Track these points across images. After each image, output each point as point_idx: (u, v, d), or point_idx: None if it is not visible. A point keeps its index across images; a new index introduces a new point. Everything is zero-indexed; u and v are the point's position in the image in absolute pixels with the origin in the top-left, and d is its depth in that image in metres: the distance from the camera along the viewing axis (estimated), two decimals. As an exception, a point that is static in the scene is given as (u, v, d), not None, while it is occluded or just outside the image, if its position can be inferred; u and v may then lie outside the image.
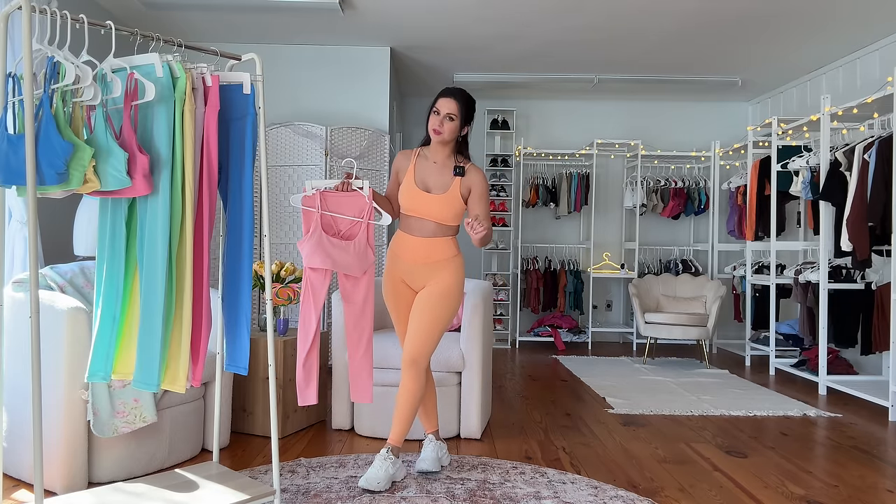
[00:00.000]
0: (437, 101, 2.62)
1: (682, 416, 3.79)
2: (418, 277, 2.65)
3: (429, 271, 2.63)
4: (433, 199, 2.59)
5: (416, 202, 2.60)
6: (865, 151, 4.01)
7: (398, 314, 2.73)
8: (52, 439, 2.41)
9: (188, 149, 1.97)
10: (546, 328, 6.48)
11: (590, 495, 2.50)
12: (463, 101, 2.60)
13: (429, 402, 2.82)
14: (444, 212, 2.59)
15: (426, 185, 2.63)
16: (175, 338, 2.03)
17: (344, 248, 2.53)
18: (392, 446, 2.59)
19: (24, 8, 1.67)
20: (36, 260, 1.72)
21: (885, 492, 2.64)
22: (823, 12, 4.39)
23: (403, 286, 2.70)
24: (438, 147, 2.66)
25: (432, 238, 2.62)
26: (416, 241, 2.63)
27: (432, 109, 2.62)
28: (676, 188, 6.58)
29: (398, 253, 2.67)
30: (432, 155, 2.67)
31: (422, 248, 2.62)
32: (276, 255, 4.89)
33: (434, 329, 2.58)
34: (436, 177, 2.64)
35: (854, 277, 4.55)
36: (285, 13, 4.54)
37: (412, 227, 2.64)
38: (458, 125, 2.60)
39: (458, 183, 2.61)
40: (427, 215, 2.61)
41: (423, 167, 2.66)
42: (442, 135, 2.59)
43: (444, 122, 2.58)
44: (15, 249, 3.13)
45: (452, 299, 2.62)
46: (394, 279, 2.70)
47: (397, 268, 2.68)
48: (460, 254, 2.70)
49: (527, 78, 6.02)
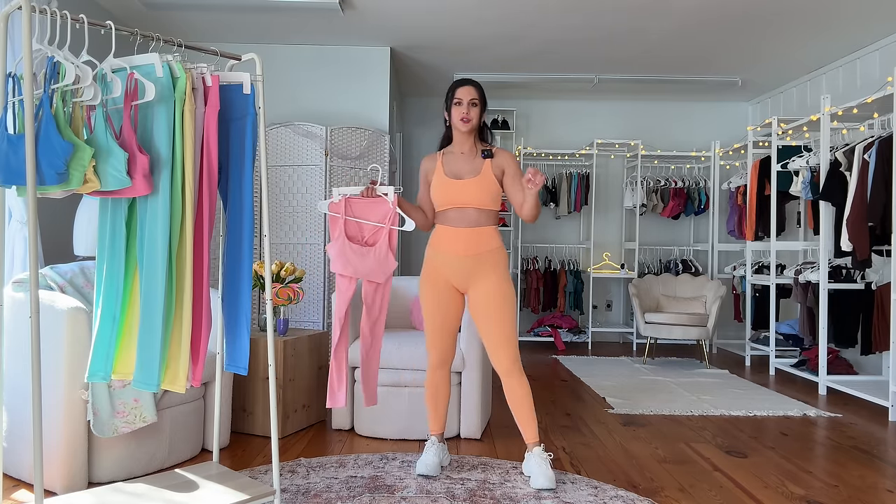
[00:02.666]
0: (454, 92, 2.64)
1: (682, 416, 3.79)
2: (464, 273, 2.61)
3: (473, 265, 2.59)
4: (467, 183, 2.59)
5: (450, 191, 2.60)
6: (865, 151, 4.01)
7: (435, 314, 2.67)
8: (52, 439, 2.41)
9: (188, 149, 1.97)
10: (546, 328, 6.48)
11: (590, 495, 2.50)
12: (479, 87, 2.67)
13: (444, 402, 2.80)
14: (481, 194, 2.59)
15: (457, 174, 2.64)
16: (175, 338, 2.03)
17: (365, 254, 2.56)
18: (530, 444, 2.64)
19: (24, 8, 1.67)
20: (36, 260, 1.72)
21: (885, 492, 2.64)
22: (823, 12, 4.39)
23: (445, 287, 2.65)
24: (464, 138, 2.67)
25: (475, 227, 2.60)
26: (458, 231, 2.60)
27: (452, 102, 2.63)
28: (676, 188, 6.58)
29: (440, 246, 2.63)
30: (458, 147, 2.70)
31: (464, 238, 2.59)
32: (276, 255, 4.89)
33: (513, 330, 2.61)
34: (465, 164, 2.65)
35: (854, 277, 4.55)
36: (285, 13, 4.54)
37: (451, 219, 2.62)
38: (480, 110, 2.65)
39: (489, 165, 2.63)
40: (464, 202, 2.59)
41: (450, 161, 2.68)
42: (471, 121, 2.62)
43: (470, 108, 2.61)
44: (15, 249, 3.13)
45: (510, 297, 2.62)
46: (434, 279, 2.66)
47: (439, 267, 2.64)
48: (503, 246, 2.67)
49: (527, 78, 6.02)
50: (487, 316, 2.59)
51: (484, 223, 2.62)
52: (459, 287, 2.66)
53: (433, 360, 2.74)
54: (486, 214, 2.63)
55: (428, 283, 2.68)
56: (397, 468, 2.77)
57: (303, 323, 4.83)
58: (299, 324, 4.83)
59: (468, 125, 2.62)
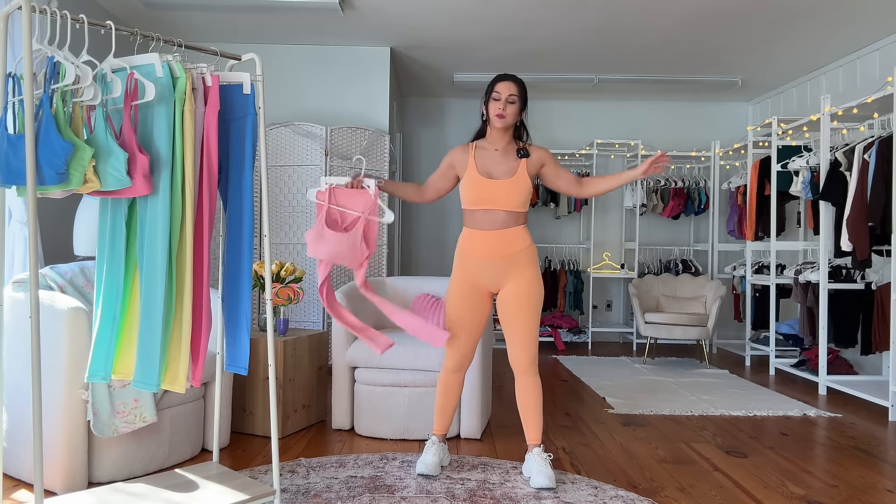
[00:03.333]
0: (494, 86, 2.59)
1: (682, 416, 3.79)
2: (495, 275, 2.59)
3: (505, 266, 2.58)
4: (500, 184, 2.55)
5: (482, 192, 2.56)
6: (865, 151, 4.01)
7: (462, 319, 2.64)
8: (52, 439, 2.41)
9: (188, 149, 1.97)
10: (546, 328, 6.48)
11: (590, 495, 2.50)
12: (521, 84, 2.61)
13: (453, 405, 2.78)
14: (513, 197, 2.55)
15: (490, 173, 2.59)
16: (175, 338, 2.03)
17: (339, 240, 2.56)
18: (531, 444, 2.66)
19: (24, 8, 1.67)
20: (36, 260, 1.72)
21: (885, 492, 2.64)
22: (824, 12, 4.39)
23: (475, 292, 2.62)
24: (499, 134, 2.63)
25: (504, 229, 2.57)
26: (488, 235, 2.57)
27: (490, 96, 2.59)
28: (676, 188, 6.58)
29: (469, 250, 2.61)
30: (492, 143, 2.64)
31: (495, 242, 2.56)
32: (276, 255, 4.89)
33: (536, 331, 2.61)
34: (499, 164, 2.60)
35: (854, 277, 4.55)
36: (285, 13, 4.54)
37: (481, 222, 2.59)
38: (518, 108, 2.60)
39: (524, 165, 2.59)
40: (495, 204, 2.56)
41: (483, 157, 2.63)
42: (506, 118, 2.57)
43: (507, 105, 2.57)
44: (15, 249, 3.13)
45: (539, 296, 2.61)
46: (465, 285, 2.63)
47: (470, 270, 2.61)
48: (533, 243, 2.65)
49: (527, 78, 6.01)
50: (517, 313, 2.58)
51: (513, 224, 2.59)
52: (491, 288, 2.64)
53: (451, 363, 2.70)
54: (516, 216, 2.60)
55: (458, 287, 2.64)
56: (397, 468, 2.77)
57: (303, 323, 4.83)
58: (299, 324, 4.83)
59: (503, 122, 2.57)
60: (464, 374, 2.76)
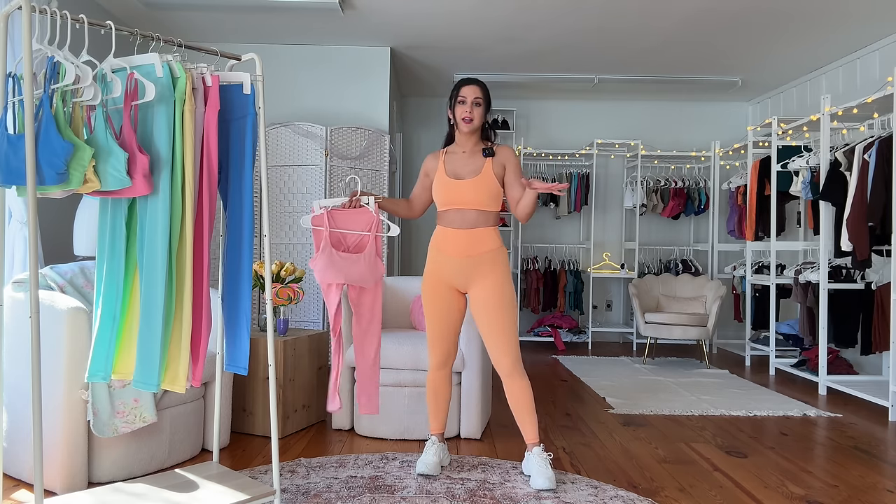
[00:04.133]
0: (459, 90, 2.66)
1: (682, 416, 3.79)
2: (464, 274, 2.62)
3: (474, 265, 2.61)
4: (467, 184, 2.61)
5: (450, 192, 2.61)
6: (865, 151, 4.01)
7: (435, 314, 2.69)
8: (52, 439, 2.41)
9: (188, 149, 1.97)
10: (546, 328, 6.48)
11: (590, 495, 2.50)
12: (484, 87, 2.69)
13: (445, 403, 2.80)
14: (481, 195, 2.60)
15: (457, 174, 2.65)
16: (175, 338, 2.03)
17: (354, 260, 2.57)
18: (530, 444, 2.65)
19: (24, 8, 1.67)
20: (36, 260, 1.72)
21: (885, 492, 2.64)
22: (824, 12, 4.39)
23: (446, 288, 2.66)
24: (466, 137, 2.69)
25: (474, 228, 2.61)
26: (458, 233, 2.61)
27: (456, 100, 2.66)
28: (676, 188, 6.58)
29: (440, 248, 2.65)
30: (460, 147, 2.71)
31: (464, 240, 2.61)
32: (276, 255, 4.89)
33: (513, 331, 2.61)
34: (466, 164, 2.66)
35: (854, 277, 4.55)
36: (285, 13, 4.54)
37: (452, 220, 2.64)
38: (484, 110, 2.66)
39: (489, 164, 2.64)
40: (464, 203, 2.61)
41: (452, 160, 2.69)
42: (473, 121, 2.63)
43: (473, 107, 2.63)
44: (15, 249, 3.13)
45: (510, 296, 2.63)
46: (435, 281, 2.67)
47: (440, 267, 2.66)
48: (503, 246, 2.68)
49: (527, 78, 6.02)
50: (487, 316, 2.59)
51: (483, 224, 2.63)
52: (460, 287, 2.67)
53: (434, 361, 2.75)
54: (486, 215, 2.64)
55: (429, 283, 2.69)
56: (397, 468, 2.77)
57: (303, 323, 4.83)
58: (299, 324, 4.83)
59: (470, 125, 2.64)
60: (449, 371, 2.77)
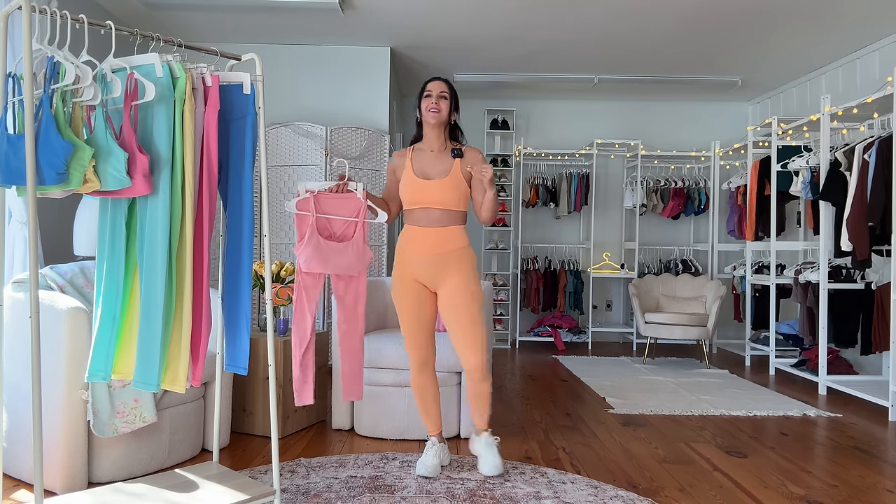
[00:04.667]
0: (425, 87, 2.71)
1: (682, 416, 3.79)
2: (431, 272, 2.64)
3: (441, 264, 2.62)
4: (435, 184, 2.62)
5: (418, 192, 2.62)
6: (865, 151, 4.01)
7: (407, 312, 2.69)
8: (52, 439, 2.41)
9: (188, 149, 1.97)
10: (546, 328, 6.48)
11: (590, 495, 2.50)
12: (449, 83, 2.72)
13: (434, 403, 2.81)
14: (448, 196, 2.62)
15: (426, 173, 2.67)
16: (175, 338, 2.03)
17: (342, 249, 2.53)
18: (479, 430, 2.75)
19: (24, 8, 1.67)
20: (36, 260, 1.72)
21: (885, 492, 2.64)
22: (823, 12, 4.39)
23: (415, 284, 2.68)
24: (434, 134, 2.70)
25: (441, 227, 2.63)
26: (425, 231, 2.63)
27: (423, 96, 2.69)
28: (676, 188, 6.58)
29: (408, 246, 2.66)
30: (427, 144, 2.73)
31: (431, 238, 2.62)
32: (276, 255, 4.89)
33: (481, 331, 2.63)
34: (435, 164, 2.68)
35: (854, 277, 4.55)
36: (285, 13, 4.54)
37: (419, 219, 2.65)
38: (449, 104, 2.69)
39: (458, 165, 2.66)
40: (431, 203, 2.62)
41: (420, 159, 2.70)
42: (440, 112, 2.65)
43: (439, 100, 2.66)
44: (15, 249, 3.13)
45: (478, 296, 2.65)
46: (404, 278, 2.69)
47: (408, 264, 2.67)
48: (470, 246, 2.71)
49: (527, 78, 6.02)
50: (453, 315, 2.62)
51: (449, 223, 2.65)
52: (429, 286, 2.69)
53: (414, 362, 2.74)
54: (452, 215, 2.65)
55: (398, 282, 2.71)
56: (397, 468, 2.77)
57: (303, 323, 4.82)
58: (299, 324, 4.82)
59: (437, 116, 2.65)
60: (432, 371, 2.77)
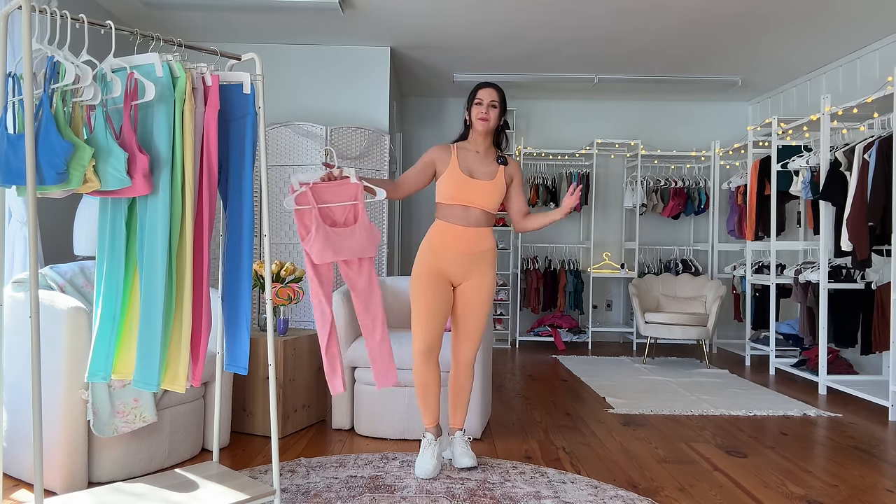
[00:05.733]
0: (476, 92, 2.76)
1: (682, 416, 3.79)
2: (462, 269, 2.72)
3: (471, 263, 2.72)
4: (481, 185, 2.70)
5: (464, 189, 2.69)
6: (865, 151, 4.01)
7: (428, 302, 2.68)
8: (52, 439, 2.41)
9: (188, 149, 1.97)
10: (546, 328, 6.48)
11: (590, 495, 2.50)
12: (501, 91, 2.79)
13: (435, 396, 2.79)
14: (491, 198, 2.72)
15: (472, 172, 2.74)
16: (175, 338, 2.03)
17: (350, 234, 2.49)
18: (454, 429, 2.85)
19: (24, 8, 1.67)
20: (36, 260, 1.72)
21: (885, 492, 2.64)
22: (823, 12, 4.39)
23: (442, 278, 2.71)
24: (480, 137, 2.78)
25: (478, 227, 2.73)
26: (462, 230, 2.70)
27: (473, 101, 2.75)
28: (676, 188, 6.58)
29: (441, 243, 2.70)
30: (473, 146, 2.80)
31: (466, 238, 2.70)
32: (276, 255, 4.89)
33: (484, 328, 2.81)
34: (480, 165, 2.76)
35: (854, 277, 4.55)
36: (285, 13, 4.54)
37: (456, 217, 2.71)
38: (499, 112, 2.76)
39: (502, 171, 2.77)
40: (474, 202, 2.70)
41: (465, 157, 2.77)
42: (489, 121, 2.72)
43: (489, 109, 2.72)
44: (15, 249, 3.13)
45: (492, 298, 2.83)
46: (432, 269, 2.70)
47: (439, 258, 2.70)
48: (496, 247, 2.84)
49: (527, 78, 6.01)
50: (474, 309, 2.75)
51: (485, 224, 2.76)
52: (454, 281, 2.75)
53: (420, 345, 2.70)
54: (489, 216, 2.76)
55: (425, 272, 2.70)
56: (397, 468, 2.77)
57: (303, 323, 4.83)
58: (299, 324, 4.83)
59: (486, 125, 2.73)
60: (436, 362, 2.76)
